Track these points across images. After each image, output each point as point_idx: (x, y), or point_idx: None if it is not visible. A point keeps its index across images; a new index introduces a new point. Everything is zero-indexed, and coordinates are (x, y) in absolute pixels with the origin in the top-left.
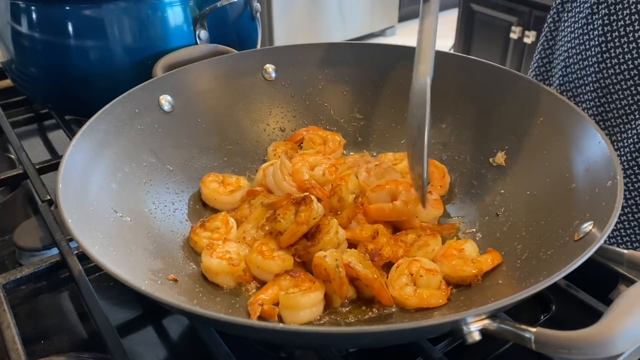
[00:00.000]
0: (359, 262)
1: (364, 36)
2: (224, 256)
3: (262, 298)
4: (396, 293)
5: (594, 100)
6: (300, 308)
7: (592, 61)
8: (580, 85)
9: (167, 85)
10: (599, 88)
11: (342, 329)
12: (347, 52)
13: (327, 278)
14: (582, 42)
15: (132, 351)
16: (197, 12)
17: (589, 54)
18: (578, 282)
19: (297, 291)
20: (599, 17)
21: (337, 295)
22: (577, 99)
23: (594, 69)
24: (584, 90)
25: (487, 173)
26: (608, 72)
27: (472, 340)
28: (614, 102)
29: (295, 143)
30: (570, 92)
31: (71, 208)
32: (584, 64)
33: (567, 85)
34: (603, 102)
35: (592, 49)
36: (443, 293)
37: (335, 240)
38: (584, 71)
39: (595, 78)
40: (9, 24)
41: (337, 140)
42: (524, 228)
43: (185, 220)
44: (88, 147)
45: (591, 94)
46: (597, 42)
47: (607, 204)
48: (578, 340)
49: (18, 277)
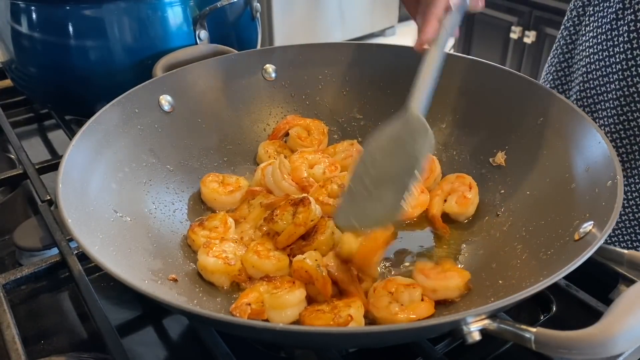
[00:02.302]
0: (336, 265)
1: (364, 36)
2: (220, 255)
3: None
4: (382, 314)
5: (615, 109)
6: (287, 306)
7: (616, 68)
8: (602, 92)
9: (167, 85)
10: (622, 96)
11: (342, 329)
12: (347, 52)
13: (309, 280)
14: (606, 48)
15: (132, 351)
16: (197, 12)
17: (612, 61)
18: (578, 282)
19: (281, 291)
20: (624, 24)
21: (322, 295)
22: (596, 112)
23: (617, 77)
24: (605, 97)
25: (487, 173)
26: (633, 81)
27: (472, 340)
28: (638, 110)
29: (280, 138)
30: (590, 101)
31: (71, 208)
32: (607, 71)
33: (587, 94)
34: (626, 110)
35: (616, 55)
36: (428, 304)
37: (330, 240)
38: (606, 78)
39: (619, 86)
40: (9, 24)
41: (321, 129)
42: (524, 228)
43: (185, 220)
44: (88, 147)
45: (613, 102)
46: (622, 49)
47: (607, 204)
48: (578, 340)
49: (18, 277)
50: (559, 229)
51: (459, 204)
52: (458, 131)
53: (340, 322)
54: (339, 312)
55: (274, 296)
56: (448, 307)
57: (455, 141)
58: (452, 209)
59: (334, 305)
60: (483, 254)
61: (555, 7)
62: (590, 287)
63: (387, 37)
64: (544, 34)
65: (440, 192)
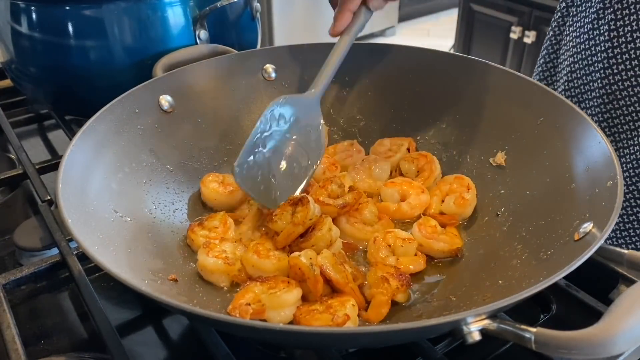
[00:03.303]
0: (332, 265)
1: (364, 36)
2: (220, 255)
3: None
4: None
5: (599, 107)
6: (286, 305)
7: (598, 67)
8: (586, 90)
9: (167, 85)
10: (605, 94)
11: (342, 329)
12: (347, 52)
13: (302, 278)
14: (588, 47)
15: (132, 351)
16: (197, 12)
17: (595, 59)
18: (578, 282)
19: (279, 290)
20: (605, 23)
21: (313, 293)
22: (582, 105)
23: (600, 75)
24: (589, 96)
25: (487, 173)
26: (615, 78)
27: (472, 340)
28: (620, 108)
29: None
30: (576, 98)
31: (71, 208)
32: (590, 70)
33: (572, 91)
34: (609, 108)
35: (598, 54)
36: (419, 259)
37: (327, 236)
38: (590, 77)
39: (602, 84)
40: (9, 24)
41: None
42: (524, 228)
43: (185, 220)
44: (88, 147)
45: (597, 100)
46: (603, 48)
47: (607, 204)
48: (578, 340)
49: (18, 277)
50: (559, 229)
51: (457, 204)
52: (458, 131)
53: (339, 322)
54: (335, 311)
55: (272, 296)
56: (448, 307)
57: (455, 141)
58: (450, 210)
59: (328, 304)
60: (483, 254)
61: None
62: (590, 287)
63: (387, 37)
64: (544, 34)
65: (438, 192)
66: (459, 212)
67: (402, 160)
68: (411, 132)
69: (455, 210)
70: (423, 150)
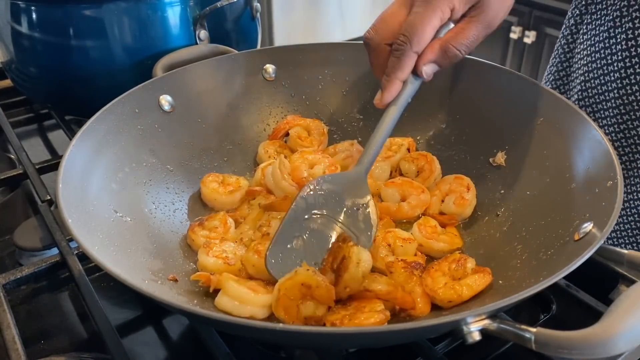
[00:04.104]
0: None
1: None
2: (220, 255)
3: None
4: (378, 264)
5: (615, 117)
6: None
7: (614, 76)
8: (602, 101)
9: (167, 85)
10: (621, 104)
11: (342, 329)
12: (347, 52)
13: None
14: (604, 56)
15: (132, 351)
16: (197, 12)
17: (611, 69)
18: (578, 282)
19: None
20: (622, 31)
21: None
22: (597, 115)
23: (616, 85)
24: (605, 106)
25: (487, 173)
26: (632, 89)
27: (472, 340)
28: (638, 119)
29: (280, 138)
30: (590, 108)
31: (71, 208)
32: (605, 79)
33: (587, 101)
34: (626, 119)
35: (614, 63)
36: (420, 260)
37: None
38: (605, 86)
39: (618, 94)
40: (9, 24)
41: (321, 130)
42: (524, 228)
43: (185, 220)
44: (88, 147)
45: (613, 110)
46: (620, 57)
47: (607, 204)
48: (578, 340)
49: (18, 277)
50: (559, 229)
51: (457, 204)
52: (458, 131)
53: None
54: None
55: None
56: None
57: (455, 141)
58: (450, 210)
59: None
60: (483, 254)
61: (555, 7)
62: (590, 287)
63: None
64: (544, 34)
65: (438, 192)
66: (459, 212)
67: (402, 160)
68: (411, 132)
69: (455, 210)
70: (423, 150)
